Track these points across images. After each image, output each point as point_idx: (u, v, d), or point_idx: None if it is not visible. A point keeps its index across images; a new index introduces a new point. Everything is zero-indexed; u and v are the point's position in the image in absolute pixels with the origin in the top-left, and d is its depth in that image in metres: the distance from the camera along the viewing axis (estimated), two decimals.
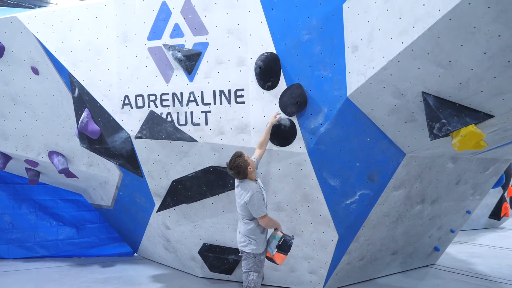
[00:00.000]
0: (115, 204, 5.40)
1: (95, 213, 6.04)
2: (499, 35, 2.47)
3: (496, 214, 8.91)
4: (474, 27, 2.51)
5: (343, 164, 3.79)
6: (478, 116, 2.99)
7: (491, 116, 3.00)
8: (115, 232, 6.07)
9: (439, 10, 2.54)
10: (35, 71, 4.61)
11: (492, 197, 8.56)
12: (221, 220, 4.36)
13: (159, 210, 4.52)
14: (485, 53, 2.60)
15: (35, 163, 5.26)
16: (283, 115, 3.68)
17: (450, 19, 2.54)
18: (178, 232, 4.67)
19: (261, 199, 3.18)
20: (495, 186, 5.94)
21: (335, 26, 3.47)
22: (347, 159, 3.78)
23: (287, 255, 3.25)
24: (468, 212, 5.43)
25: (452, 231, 5.48)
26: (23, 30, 4.44)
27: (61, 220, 5.93)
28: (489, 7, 2.37)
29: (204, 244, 4.57)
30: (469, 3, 2.40)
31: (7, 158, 5.23)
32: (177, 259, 5.07)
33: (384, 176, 3.87)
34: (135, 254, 6.04)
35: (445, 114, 2.99)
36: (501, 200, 8.85)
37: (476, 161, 4.60)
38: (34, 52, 4.50)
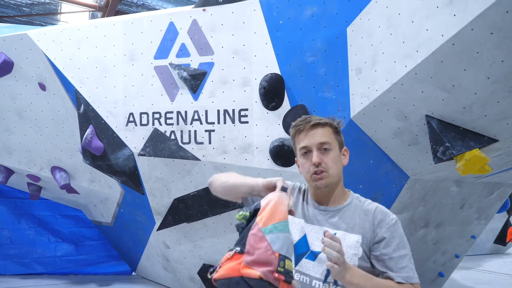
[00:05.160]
0: (115, 221, 5.36)
1: (94, 230, 5.98)
2: (502, 61, 2.48)
3: (502, 239, 8.76)
4: (477, 52, 2.53)
5: (345, 186, 3.75)
6: (482, 140, 2.98)
7: (495, 141, 2.99)
8: (113, 250, 5.99)
9: (442, 35, 2.57)
10: (42, 87, 4.67)
11: (497, 222, 8.44)
12: (222, 240, 4.29)
13: (159, 228, 4.47)
14: (488, 78, 2.62)
15: (37, 178, 5.25)
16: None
17: (453, 44, 2.57)
18: (178, 252, 4.60)
19: None
20: (500, 211, 5.86)
21: (339, 48, 3.51)
22: (350, 181, 3.74)
23: None
24: (473, 237, 5.34)
25: (457, 256, 5.36)
26: (32, 47, 4.52)
27: (60, 236, 5.86)
28: (491, 33, 2.39)
29: (204, 265, 4.50)
30: (472, 29, 2.43)
31: (9, 172, 5.22)
32: (176, 280, 4.98)
33: (388, 199, 3.82)
34: (133, 273, 5.94)
35: (449, 137, 2.98)
36: (506, 225, 8.72)
37: (480, 185, 4.55)
38: (42, 68, 4.57)
